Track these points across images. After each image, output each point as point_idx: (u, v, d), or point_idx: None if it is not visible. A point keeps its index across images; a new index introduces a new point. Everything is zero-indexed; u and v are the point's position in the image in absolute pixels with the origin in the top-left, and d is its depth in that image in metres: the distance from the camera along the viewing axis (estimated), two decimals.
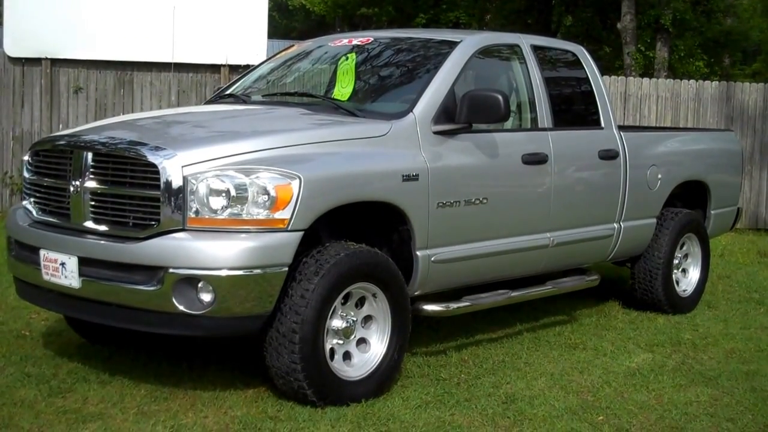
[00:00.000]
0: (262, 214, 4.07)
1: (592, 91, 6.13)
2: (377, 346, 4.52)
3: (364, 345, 4.51)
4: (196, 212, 4.06)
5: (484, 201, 5.04)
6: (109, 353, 5.03)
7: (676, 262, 6.70)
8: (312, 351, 4.16)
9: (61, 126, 10.73)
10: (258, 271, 4.04)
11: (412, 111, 4.82)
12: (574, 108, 6.20)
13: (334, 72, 5.64)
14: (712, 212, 7.14)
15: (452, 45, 5.31)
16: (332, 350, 4.36)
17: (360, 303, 4.49)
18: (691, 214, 6.81)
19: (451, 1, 22.96)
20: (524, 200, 5.40)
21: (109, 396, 4.37)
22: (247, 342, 4.81)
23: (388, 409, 4.32)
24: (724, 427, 4.31)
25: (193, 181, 4.06)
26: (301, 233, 4.16)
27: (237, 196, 4.05)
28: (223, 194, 4.05)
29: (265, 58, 9.23)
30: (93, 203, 4.29)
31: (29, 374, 4.65)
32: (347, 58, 5.52)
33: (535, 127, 5.58)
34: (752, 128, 12.02)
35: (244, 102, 5.51)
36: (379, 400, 4.41)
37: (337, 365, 4.37)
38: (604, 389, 4.79)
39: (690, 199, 7.02)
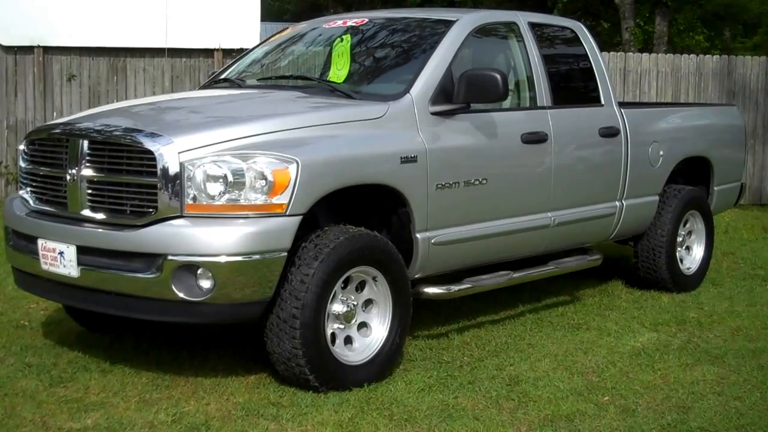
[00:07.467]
0: (260, 199, 4.02)
1: (591, 68, 6.06)
2: (378, 330, 4.48)
3: (365, 329, 4.48)
4: (194, 198, 4.02)
5: (484, 182, 4.99)
6: (109, 342, 5.01)
7: (679, 239, 6.65)
8: (313, 336, 4.13)
9: (55, 114, 10.66)
10: (257, 256, 4.00)
11: (409, 92, 4.76)
12: (574, 85, 6.13)
13: (329, 54, 5.58)
14: (716, 188, 7.08)
15: (448, 24, 5.24)
16: (333, 335, 4.33)
17: (360, 287, 4.46)
18: (694, 190, 6.75)
19: None
20: (524, 180, 5.35)
21: (111, 385, 4.35)
22: (248, 328, 4.79)
23: (390, 393, 4.29)
24: (732, 406, 4.27)
25: (190, 168, 4.02)
26: (300, 218, 4.12)
27: (234, 182, 4.00)
28: (221, 180, 4.01)
29: (258, 41, 9.15)
30: (90, 191, 4.25)
31: (30, 364, 4.63)
32: (342, 40, 5.45)
33: (534, 105, 5.52)
34: (754, 102, 11.95)
35: (239, 86, 5.45)
36: (382, 385, 4.38)
37: (339, 350, 4.34)
38: (609, 369, 4.76)
39: (693, 175, 6.96)
